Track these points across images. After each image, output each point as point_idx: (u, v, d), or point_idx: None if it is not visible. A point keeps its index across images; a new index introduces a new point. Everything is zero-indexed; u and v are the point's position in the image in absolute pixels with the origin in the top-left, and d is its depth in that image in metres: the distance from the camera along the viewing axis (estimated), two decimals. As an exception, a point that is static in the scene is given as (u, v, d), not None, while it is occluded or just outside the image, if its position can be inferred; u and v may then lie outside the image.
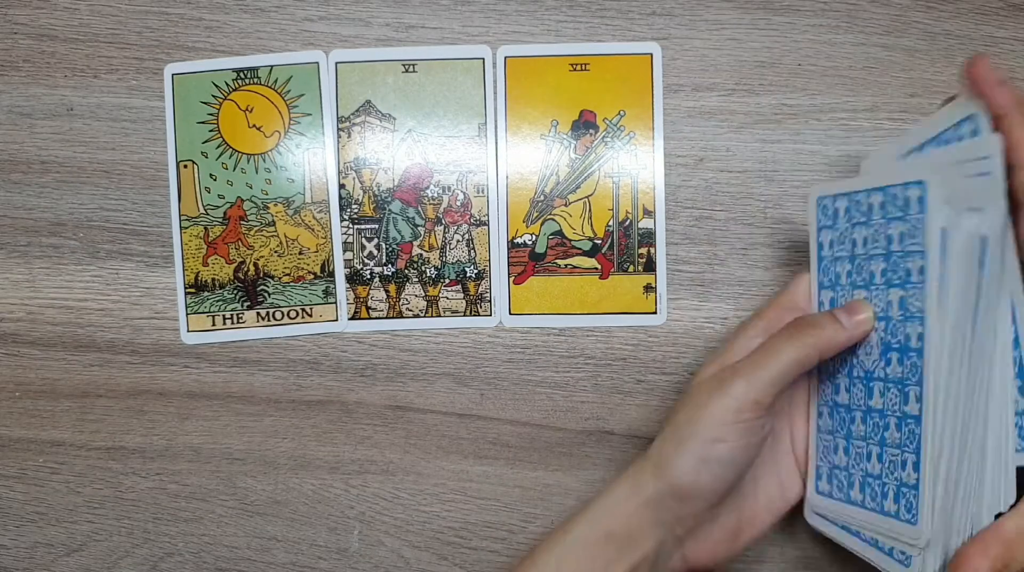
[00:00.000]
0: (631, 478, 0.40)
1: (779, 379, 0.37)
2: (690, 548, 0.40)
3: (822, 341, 0.38)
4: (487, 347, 0.49)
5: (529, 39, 0.48)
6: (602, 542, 0.39)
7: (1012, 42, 0.47)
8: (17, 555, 0.49)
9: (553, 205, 0.49)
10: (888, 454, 0.37)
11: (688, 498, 0.38)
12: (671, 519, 0.39)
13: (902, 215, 0.37)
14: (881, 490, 0.38)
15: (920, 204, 0.36)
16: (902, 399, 0.36)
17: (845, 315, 0.38)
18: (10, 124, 0.49)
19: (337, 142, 0.49)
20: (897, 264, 0.37)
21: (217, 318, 0.49)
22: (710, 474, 0.38)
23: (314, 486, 0.49)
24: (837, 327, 0.38)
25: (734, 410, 0.37)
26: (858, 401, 0.39)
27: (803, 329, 0.38)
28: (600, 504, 0.40)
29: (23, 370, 0.49)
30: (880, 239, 0.38)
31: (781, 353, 0.37)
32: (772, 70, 0.48)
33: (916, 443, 0.36)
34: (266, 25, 0.49)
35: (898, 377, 0.37)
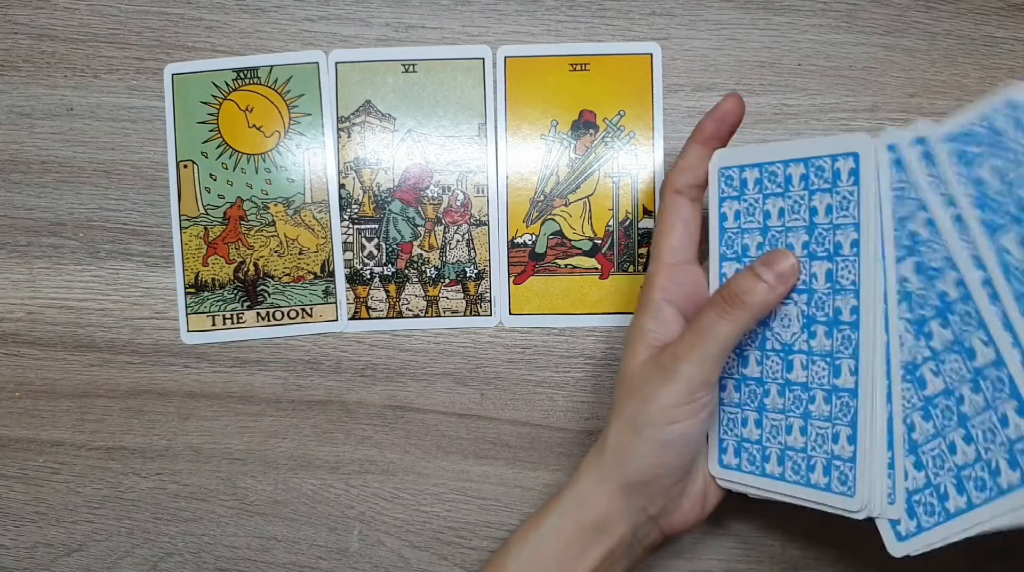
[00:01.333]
0: (594, 470, 0.40)
1: (722, 354, 0.37)
2: (664, 521, 0.41)
3: (756, 307, 0.37)
4: (487, 347, 0.49)
5: (529, 39, 0.48)
6: (577, 530, 0.39)
7: (1012, 42, 0.47)
8: (17, 555, 0.49)
9: (553, 205, 0.49)
10: (814, 427, 0.37)
11: (654, 482, 0.39)
12: (643, 502, 0.39)
13: (829, 187, 0.36)
14: (806, 463, 0.37)
15: (853, 175, 0.35)
16: (832, 372, 0.36)
17: (768, 271, 0.37)
18: (10, 124, 0.49)
19: (337, 142, 0.49)
20: (823, 236, 0.37)
21: (217, 318, 0.49)
22: (671, 454, 0.38)
23: (314, 486, 0.49)
24: (765, 287, 0.37)
25: (685, 393, 0.37)
26: (773, 374, 0.39)
27: (735, 301, 0.37)
28: (569, 496, 0.40)
29: (23, 370, 0.49)
30: (802, 211, 0.37)
31: (719, 330, 0.37)
32: (772, 70, 0.48)
33: (852, 416, 0.36)
34: (266, 25, 0.49)
35: (825, 350, 0.37)
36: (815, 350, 0.37)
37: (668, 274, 0.41)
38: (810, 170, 0.37)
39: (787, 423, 0.38)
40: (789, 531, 0.48)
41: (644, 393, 0.38)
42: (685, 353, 0.38)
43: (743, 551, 0.48)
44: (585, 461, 0.41)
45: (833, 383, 0.36)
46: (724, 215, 0.41)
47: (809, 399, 0.37)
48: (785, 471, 0.38)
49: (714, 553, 0.48)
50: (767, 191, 0.39)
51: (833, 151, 0.36)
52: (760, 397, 0.40)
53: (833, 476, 0.36)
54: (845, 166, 0.36)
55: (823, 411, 0.37)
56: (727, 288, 0.38)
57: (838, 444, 0.36)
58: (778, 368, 0.39)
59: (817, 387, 0.37)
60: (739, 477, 0.40)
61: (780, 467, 0.39)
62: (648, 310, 0.40)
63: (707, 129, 0.41)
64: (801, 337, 0.38)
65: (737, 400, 0.41)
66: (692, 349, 0.37)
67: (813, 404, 0.37)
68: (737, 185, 0.40)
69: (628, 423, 0.39)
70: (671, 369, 0.38)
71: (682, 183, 0.41)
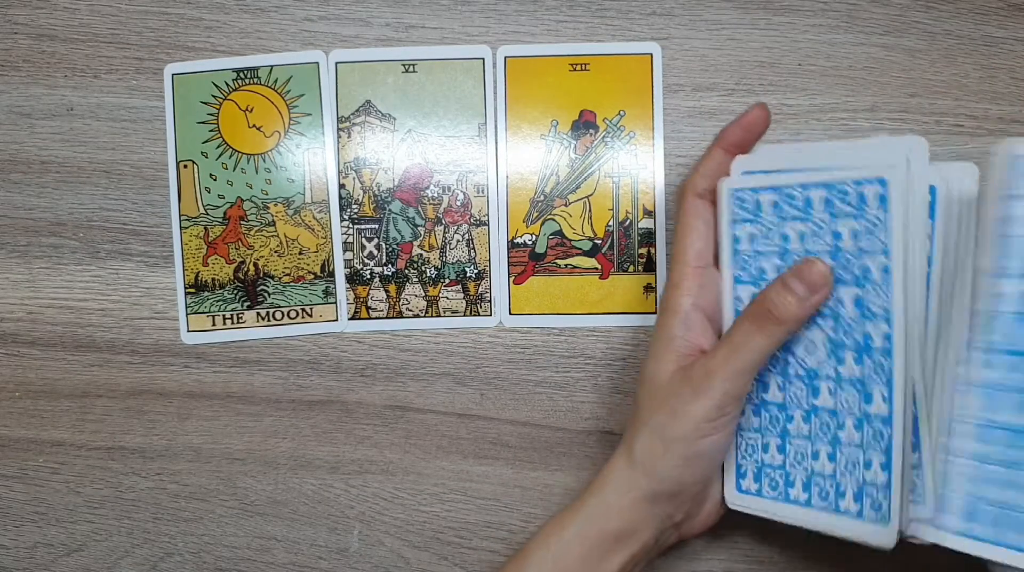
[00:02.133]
0: (620, 478, 0.40)
1: (755, 369, 0.37)
2: (685, 526, 0.41)
3: (791, 321, 0.37)
4: (487, 347, 0.49)
5: (529, 39, 0.48)
6: (601, 538, 0.39)
7: (1012, 42, 0.47)
8: (17, 555, 0.49)
9: (553, 205, 0.49)
10: (844, 453, 0.36)
11: (682, 492, 0.39)
12: (669, 510, 0.40)
13: (855, 213, 0.35)
14: (836, 489, 0.37)
15: (880, 202, 0.34)
16: (863, 399, 0.36)
17: (798, 284, 0.36)
18: (10, 124, 0.49)
19: (337, 142, 0.49)
20: (850, 262, 0.36)
21: (217, 318, 0.49)
22: (700, 467, 0.39)
23: (314, 486, 0.49)
24: (796, 300, 0.36)
25: (717, 408, 0.37)
26: (798, 400, 0.38)
27: (768, 315, 0.37)
28: (592, 504, 0.40)
29: (23, 370, 0.49)
30: (824, 235, 0.36)
31: (753, 344, 0.37)
32: (772, 70, 0.48)
33: (886, 443, 0.35)
34: (266, 25, 0.49)
35: (855, 377, 0.36)
36: (844, 376, 0.36)
37: (695, 278, 0.40)
38: (833, 195, 0.36)
39: (814, 449, 0.38)
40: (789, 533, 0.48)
41: (674, 406, 0.38)
42: (718, 368, 0.37)
43: (743, 551, 0.48)
44: (609, 469, 0.40)
45: (864, 410, 0.36)
46: (737, 238, 0.40)
47: (838, 425, 0.37)
48: (812, 497, 0.38)
49: (714, 553, 0.48)
50: (786, 214, 0.38)
51: (857, 177, 0.35)
52: (783, 423, 0.39)
53: (865, 503, 0.36)
54: (872, 191, 0.34)
55: (854, 437, 0.36)
56: (759, 303, 0.37)
57: (870, 471, 0.35)
58: (803, 394, 0.38)
59: (847, 413, 0.36)
60: (759, 503, 0.40)
61: (806, 493, 0.38)
62: (676, 315, 0.40)
63: (731, 136, 0.40)
64: (828, 363, 0.37)
65: (757, 425, 0.40)
66: (726, 364, 0.37)
67: (843, 430, 0.37)
68: (751, 207, 0.39)
69: (656, 435, 0.39)
70: (704, 384, 0.37)
71: (703, 187, 0.41)
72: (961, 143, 0.47)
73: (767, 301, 0.37)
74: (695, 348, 0.39)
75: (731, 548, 0.48)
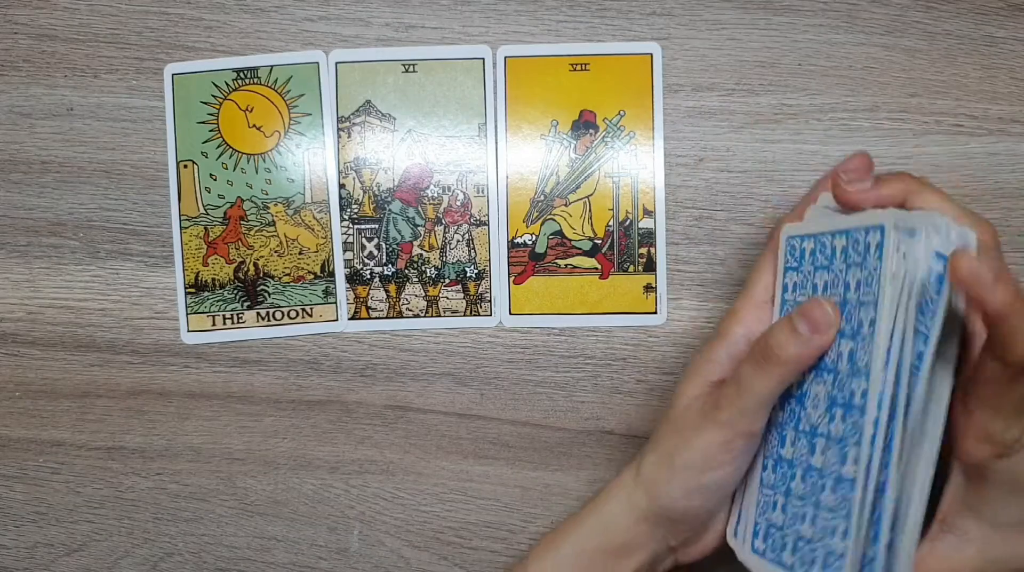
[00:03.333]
0: (624, 494, 0.40)
1: (760, 408, 0.36)
2: (682, 551, 0.41)
3: (792, 361, 0.35)
4: (487, 347, 0.49)
5: (529, 39, 0.48)
6: (599, 554, 0.39)
7: (1012, 42, 0.47)
8: (17, 555, 0.49)
9: (553, 205, 0.49)
10: (822, 518, 0.34)
11: (683, 521, 0.39)
12: (667, 534, 0.39)
13: (860, 261, 0.33)
14: (810, 556, 0.34)
15: (878, 251, 0.32)
16: (840, 459, 0.33)
17: (802, 322, 0.34)
18: (10, 124, 0.49)
19: (337, 142, 0.49)
20: (851, 314, 0.34)
21: (217, 318, 0.49)
22: (703, 498, 0.38)
23: (314, 486, 0.49)
24: (797, 340, 0.34)
25: (724, 442, 0.36)
26: (801, 457, 0.36)
27: (769, 355, 0.35)
28: (594, 518, 0.40)
29: (23, 370, 0.49)
30: (839, 286, 0.35)
31: (754, 384, 0.35)
32: (772, 70, 0.48)
33: (847, 510, 0.32)
34: (266, 25, 0.49)
35: (839, 435, 0.33)
36: (832, 435, 0.34)
37: (755, 311, 0.39)
38: (849, 243, 0.34)
39: (803, 511, 0.36)
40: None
41: (685, 434, 0.38)
42: (726, 404, 0.36)
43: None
44: (615, 483, 0.40)
45: (839, 472, 0.33)
46: (786, 286, 0.39)
47: (821, 487, 0.34)
48: (795, 564, 0.35)
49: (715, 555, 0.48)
50: (817, 264, 0.37)
51: (865, 223, 0.33)
52: (788, 481, 0.37)
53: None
54: (873, 240, 0.33)
55: (829, 501, 0.34)
56: (762, 340, 0.36)
57: (834, 538, 0.33)
58: (804, 451, 0.36)
59: (829, 475, 0.34)
60: (761, 565, 0.38)
61: (793, 557, 0.36)
62: (724, 340, 0.39)
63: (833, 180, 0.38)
64: (824, 419, 0.35)
65: (772, 482, 0.38)
66: (731, 401, 0.36)
67: (823, 493, 0.34)
68: (797, 256, 0.38)
69: (666, 459, 0.38)
70: (712, 415, 0.37)
71: None
72: (961, 143, 0.47)
73: (769, 338, 0.35)
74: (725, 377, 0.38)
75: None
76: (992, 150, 0.47)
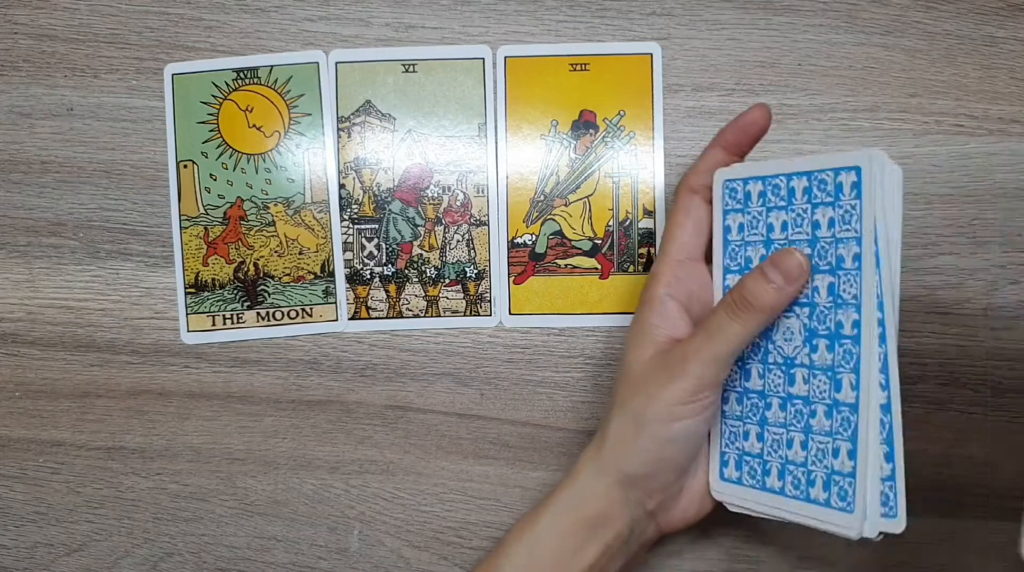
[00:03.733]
0: (592, 464, 0.40)
1: (731, 356, 0.38)
2: (662, 518, 0.41)
3: (767, 309, 0.37)
4: (487, 347, 0.49)
5: (529, 39, 0.48)
6: (574, 526, 0.39)
7: (1012, 42, 0.47)
8: (17, 555, 0.49)
9: (553, 205, 0.49)
10: (815, 442, 0.37)
11: (654, 476, 0.39)
12: (641, 496, 0.39)
13: (832, 201, 0.36)
14: (806, 477, 0.37)
15: (855, 189, 0.35)
16: (833, 386, 0.36)
17: (775, 272, 0.37)
18: (10, 124, 0.49)
19: (337, 142, 0.49)
20: (825, 250, 0.37)
21: (217, 318, 0.49)
22: (673, 450, 0.39)
23: (314, 486, 0.49)
24: (773, 288, 0.37)
25: (692, 392, 0.37)
26: (775, 388, 0.39)
27: (744, 303, 0.37)
28: (566, 492, 0.40)
29: (23, 370, 0.49)
30: (804, 224, 0.37)
31: (729, 331, 0.37)
32: (772, 70, 0.48)
33: (852, 431, 0.36)
34: (266, 25, 0.49)
35: (827, 365, 0.37)
36: (816, 364, 0.37)
37: (673, 270, 0.41)
38: (813, 183, 0.37)
39: (788, 437, 0.38)
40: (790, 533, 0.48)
41: (648, 390, 0.38)
42: (694, 353, 0.38)
43: (743, 552, 0.48)
44: (583, 456, 0.41)
45: (834, 397, 0.36)
46: (728, 227, 0.41)
47: (810, 413, 0.37)
48: (785, 485, 0.38)
49: (714, 553, 0.48)
50: (771, 204, 0.39)
51: (835, 165, 0.36)
52: (762, 410, 0.39)
53: (832, 491, 0.36)
54: (847, 179, 0.36)
55: (824, 426, 0.37)
56: (737, 290, 0.38)
57: (838, 459, 0.36)
58: (780, 381, 0.39)
59: (818, 401, 0.37)
60: (740, 492, 0.40)
61: (780, 481, 0.39)
62: (652, 306, 0.40)
63: (730, 136, 0.41)
64: (803, 350, 0.38)
65: (739, 413, 0.41)
66: (701, 349, 0.38)
67: (814, 418, 0.37)
68: (741, 197, 0.40)
69: (631, 418, 0.39)
70: (679, 368, 0.38)
71: (698, 183, 0.41)
72: (961, 143, 0.47)
73: (744, 289, 0.37)
74: (671, 338, 0.40)
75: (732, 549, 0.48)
76: (992, 150, 0.47)
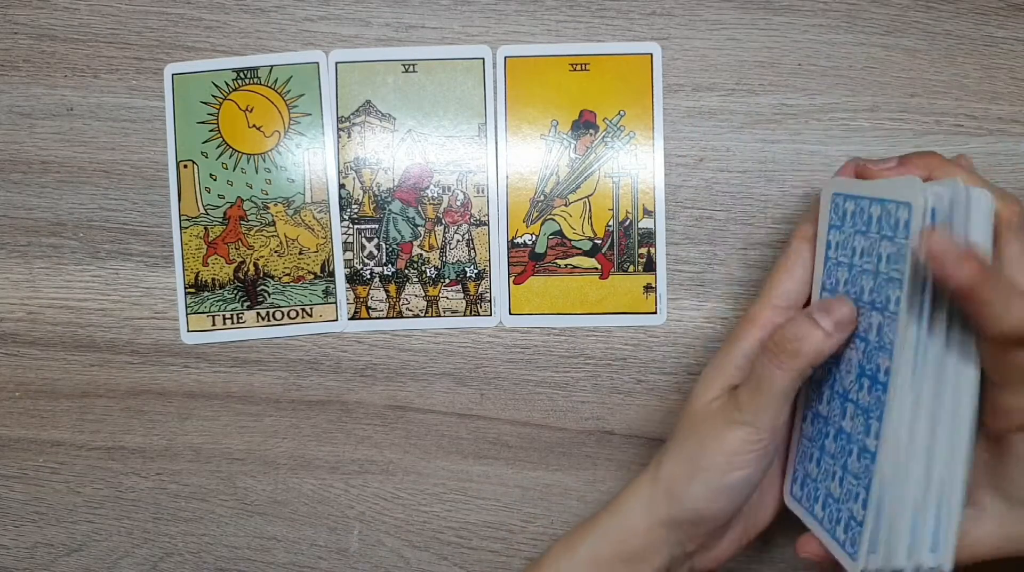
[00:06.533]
0: (641, 499, 0.39)
1: (781, 402, 0.36)
2: (698, 558, 0.40)
3: (810, 355, 0.35)
4: (487, 347, 0.49)
5: (529, 39, 0.48)
6: (614, 559, 0.39)
7: (1012, 42, 0.47)
8: (17, 555, 0.49)
9: (553, 205, 0.49)
10: (848, 482, 0.36)
11: (704, 522, 0.38)
12: (683, 539, 0.39)
13: (892, 235, 0.34)
14: (836, 515, 0.36)
15: (907, 228, 0.32)
16: (865, 430, 0.35)
17: (826, 318, 0.35)
18: (10, 124, 0.49)
19: (337, 142, 0.49)
20: (881, 286, 0.34)
21: (217, 318, 0.49)
22: (726, 499, 0.38)
23: (314, 486, 0.49)
24: (822, 335, 0.35)
25: (745, 442, 0.36)
26: (835, 417, 0.37)
27: (785, 349, 0.35)
28: (610, 523, 0.40)
29: (23, 370, 0.49)
30: (873, 255, 0.35)
31: (773, 379, 0.36)
32: (772, 70, 0.48)
33: (868, 480, 0.34)
34: (266, 25, 0.49)
35: (866, 405, 0.35)
36: (860, 403, 0.35)
37: (773, 317, 0.39)
38: (884, 213, 0.34)
39: (833, 470, 0.37)
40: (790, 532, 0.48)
41: (706, 434, 0.38)
42: (746, 402, 0.37)
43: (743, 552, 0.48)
44: (632, 487, 0.40)
45: (863, 442, 0.35)
46: (829, 243, 0.38)
47: (848, 452, 0.36)
48: (824, 517, 0.37)
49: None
50: (857, 227, 0.36)
51: (895, 196, 0.33)
52: (823, 437, 0.38)
53: (848, 536, 0.35)
54: (902, 216, 0.33)
55: (855, 467, 0.35)
56: (777, 335, 0.36)
57: (856, 504, 0.35)
58: (837, 412, 0.37)
59: (856, 442, 0.35)
60: (800, 511, 0.39)
61: (823, 512, 0.37)
62: (738, 349, 0.39)
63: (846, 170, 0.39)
64: (855, 386, 0.36)
65: (810, 434, 0.39)
66: (751, 398, 0.36)
67: (851, 457, 0.36)
68: (840, 214, 0.38)
69: (687, 461, 0.38)
70: (733, 416, 0.37)
71: (812, 233, 0.40)
72: (961, 143, 0.47)
73: (788, 332, 0.36)
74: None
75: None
76: (992, 150, 0.47)
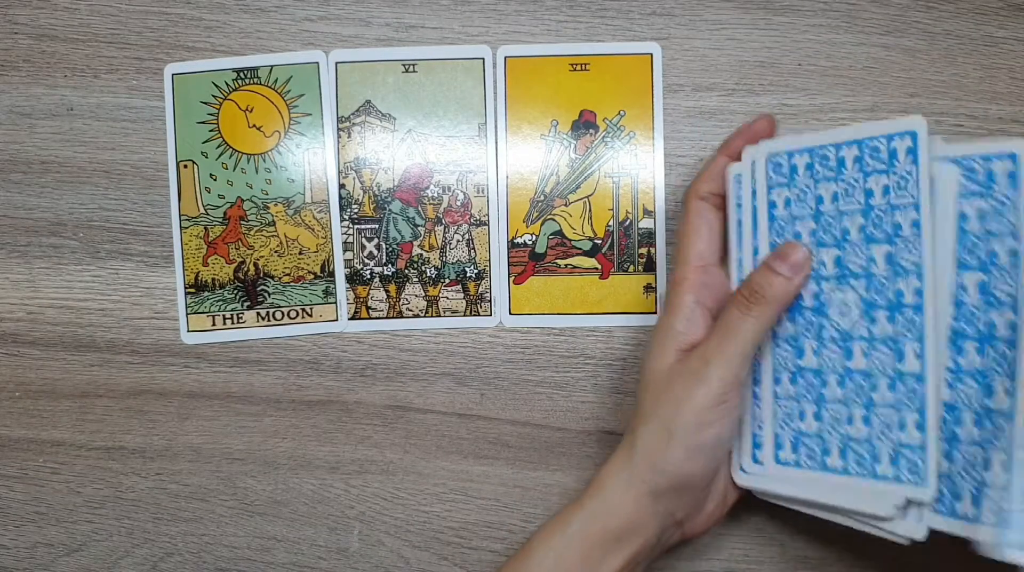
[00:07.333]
0: (621, 474, 0.40)
1: (750, 352, 0.38)
2: (688, 524, 0.41)
3: (777, 300, 0.38)
4: (487, 347, 0.49)
5: (529, 39, 0.48)
6: (603, 536, 0.39)
7: (1012, 42, 0.47)
8: (17, 555, 0.49)
9: (553, 205, 0.49)
10: (879, 415, 0.36)
11: (686, 486, 0.39)
12: (671, 506, 0.40)
13: (886, 168, 0.36)
14: (871, 454, 0.37)
15: (910, 154, 0.35)
16: (896, 357, 0.36)
17: (782, 264, 0.38)
18: (10, 124, 0.49)
19: (337, 142, 0.49)
20: (880, 219, 0.36)
21: (217, 318, 0.49)
22: (704, 458, 0.39)
23: (314, 486, 0.49)
24: (782, 280, 0.38)
25: (718, 395, 0.38)
26: (832, 364, 0.38)
27: (754, 297, 0.38)
28: (594, 502, 0.40)
29: (23, 370, 0.49)
30: (854, 194, 0.37)
31: (743, 327, 0.38)
32: (772, 70, 0.48)
33: (920, 401, 0.35)
34: (266, 25, 0.49)
35: (889, 335, 0.36)
36: (877, 336, 0.37)
37: (697, 276, 0.41)
38: (864, 152, 0.37)
39: (848, 414, 0.38)
40: (789, 531, 0.48)
41: (675, 397, 0.38)
42: (713, 354, 0.38)
43: (743, 551, 0.48)
44: (610, 465, 0.41)
45: (898, 369, 0.36)
46: (774, 203, 0.40)
47: (872, 387, 0.37)
48: (848, 464, 0.38)
49: (713, 553, 0.48)
50: (819, 176, 0.38)
51: (888, 131, 0.36)
52: (818, 388, 0.39)
53: (902, 466, 0.36)
54: (902, 145, 0.35)
55: (887, 398, 0.36)
56: (746, 286, 0.39)
57: (905, 431, 0.35)
58: (837, 357, 0.38)
59: (880, 374, 0.36)
60: (798, 474, 0.39)
61: (843, 460, 0.38)
62: (679, 312, 0.40)
63: (736, 145, 0.42)
64: (861, 324, 0.37)
65: (794, 393, 0.40)
66: (719, 349, 0.38)
67: (876, 392, 0.37)
68: (786, 172, 0.40)
69: (660, 428, 0.39)
70: (701, 372, 0.38)
71: (706, 190, 0.42)
72: (961, 143, 0.47)
73: (753, 282, 0.38)
74: (693, 344, 0.40)
75: (732, 548, 0.48)
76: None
